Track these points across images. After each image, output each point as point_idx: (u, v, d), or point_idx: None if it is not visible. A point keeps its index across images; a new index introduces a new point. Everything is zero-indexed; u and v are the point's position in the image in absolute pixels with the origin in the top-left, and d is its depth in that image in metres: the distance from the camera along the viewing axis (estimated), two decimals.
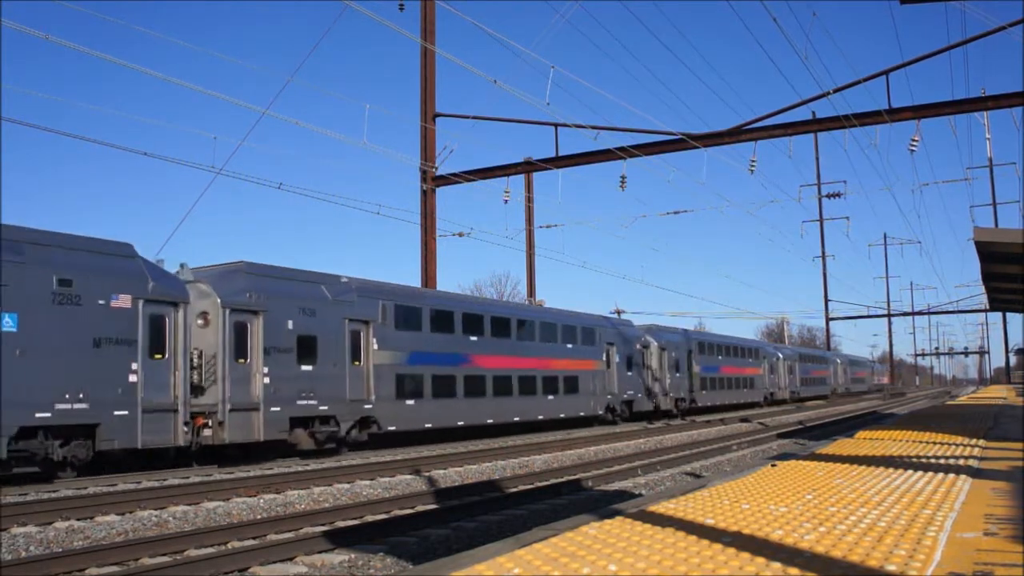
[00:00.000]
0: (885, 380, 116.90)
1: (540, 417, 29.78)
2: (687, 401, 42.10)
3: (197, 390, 18.27)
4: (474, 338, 26.71)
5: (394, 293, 24.12)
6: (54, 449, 15.48)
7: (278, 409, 19.61)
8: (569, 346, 31.89)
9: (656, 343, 38.95)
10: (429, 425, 24.39)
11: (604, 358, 34.19)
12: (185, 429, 17.48)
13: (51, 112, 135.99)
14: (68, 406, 15.65)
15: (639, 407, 36.67)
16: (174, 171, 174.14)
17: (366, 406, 22.07)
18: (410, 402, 23.74)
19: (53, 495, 13.64)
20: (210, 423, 18.29)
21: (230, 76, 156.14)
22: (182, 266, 19.63)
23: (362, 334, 22.23)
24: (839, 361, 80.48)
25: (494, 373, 27.45)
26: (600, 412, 33.76)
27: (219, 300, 18.94)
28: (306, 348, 20.57)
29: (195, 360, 18.29)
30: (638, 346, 37.17)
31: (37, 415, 15.14)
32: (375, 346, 22.56)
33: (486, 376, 27.06)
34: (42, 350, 15.25)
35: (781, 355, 60.42)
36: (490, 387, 27.14)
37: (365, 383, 22.15)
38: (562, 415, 31.01)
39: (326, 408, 20.96)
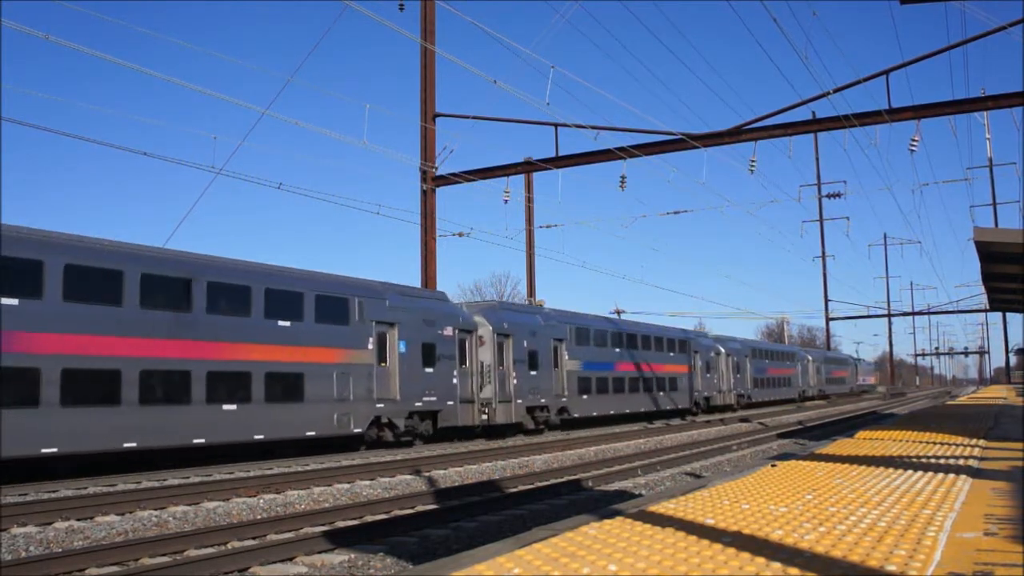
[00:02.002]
0: (872, 380, 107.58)
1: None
2: (553, 410, 31.87)
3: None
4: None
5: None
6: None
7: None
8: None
9: (492, 328, 29.46)
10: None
11: (370, 346, 22.97)
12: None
13: (51, 112, 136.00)
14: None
15: (451, 420, 26.06)
16: (174, 171, 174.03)
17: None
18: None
19: (53, 495, 13.64)
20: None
21: (230, 76, 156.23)
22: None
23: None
24: (810, 358, 70.25)
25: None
26: (358, 429, 22.43)
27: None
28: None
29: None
30: (449, 330, 26.91)
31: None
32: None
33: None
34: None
35: (723, 349, 47.96)
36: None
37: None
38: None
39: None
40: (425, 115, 31.15)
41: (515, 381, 28.91)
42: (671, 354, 41.34)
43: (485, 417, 27.39)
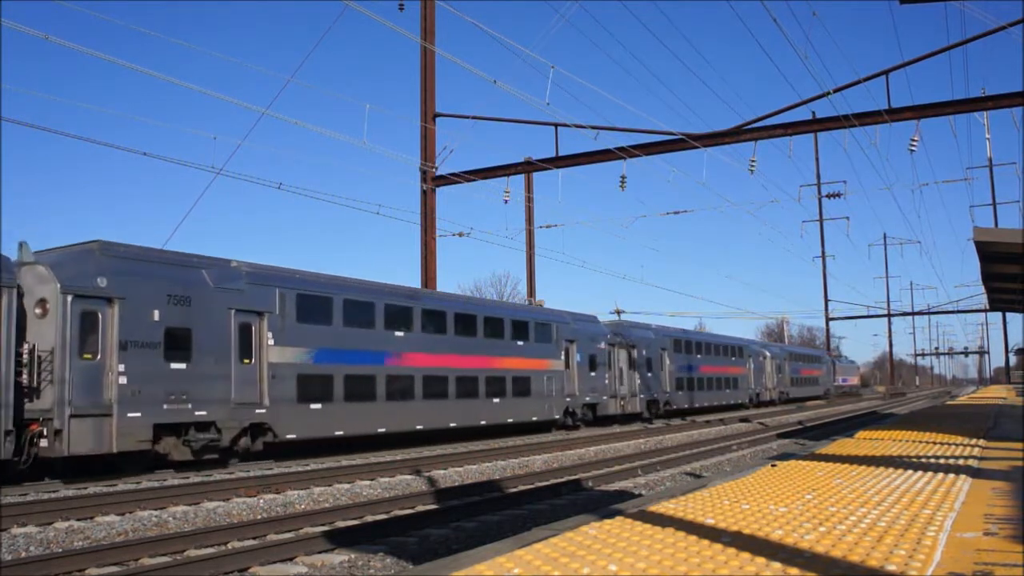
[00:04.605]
0: (855, 380, 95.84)
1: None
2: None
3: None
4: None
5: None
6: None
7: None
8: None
9: (625, 340, 35.82)
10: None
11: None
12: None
13: (51, 112, 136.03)
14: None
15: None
16: (174, 171, 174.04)
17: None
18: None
19: (53, 495, 13.65)
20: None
21: (230, 76, 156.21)
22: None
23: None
24: (767, 353, 57.37)
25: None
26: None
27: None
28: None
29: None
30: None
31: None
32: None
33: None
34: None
35: (622, 340, 37.07)
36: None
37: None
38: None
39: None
40: (425, 115, 31.16)
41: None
42: (519, 343, 28.83)
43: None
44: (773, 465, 8.26)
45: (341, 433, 21.29)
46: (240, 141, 37.53)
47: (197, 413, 17.80)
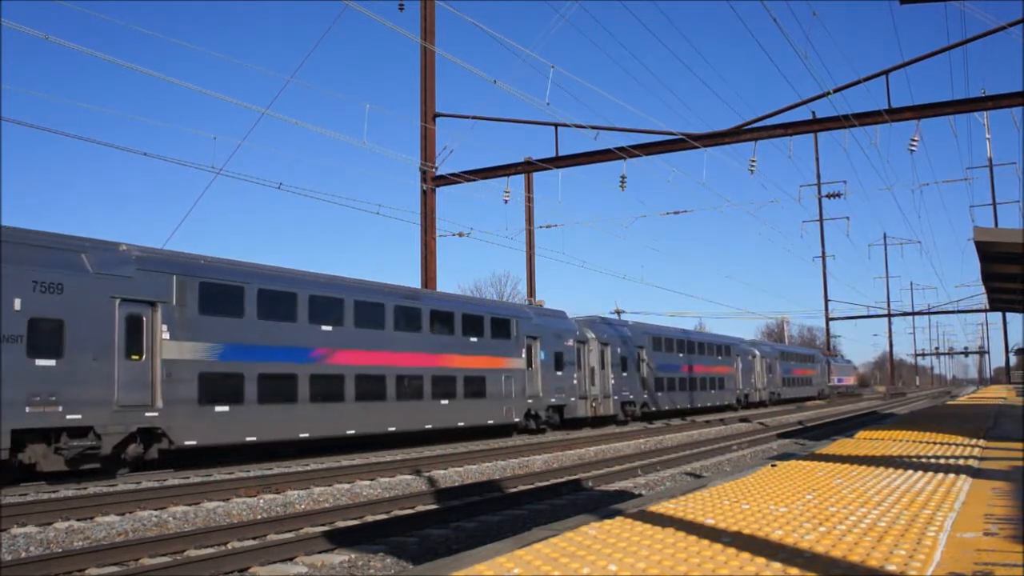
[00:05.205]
0: (851, 381, 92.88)
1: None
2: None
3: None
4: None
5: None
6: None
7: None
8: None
9: (596, 338, 33.43)
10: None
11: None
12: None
13: (51, 112, 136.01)
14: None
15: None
16: (174, 171, 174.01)
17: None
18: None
19: (53, 495, 13.65)
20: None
21: (230, 76, 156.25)
22: None
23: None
24: (756, 352, 54.46)
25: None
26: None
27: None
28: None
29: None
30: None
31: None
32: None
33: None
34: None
35: (591, 335, 33.76)
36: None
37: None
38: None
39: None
40: (425, 115, 31.17)
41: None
42: (473, 339, 26.30)
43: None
44: (773, 465, 8.25)
45: (254, 439, 19.07)
46: (240, 141, 37.55)
47: (69, 417, 15.48)
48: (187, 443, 17.69)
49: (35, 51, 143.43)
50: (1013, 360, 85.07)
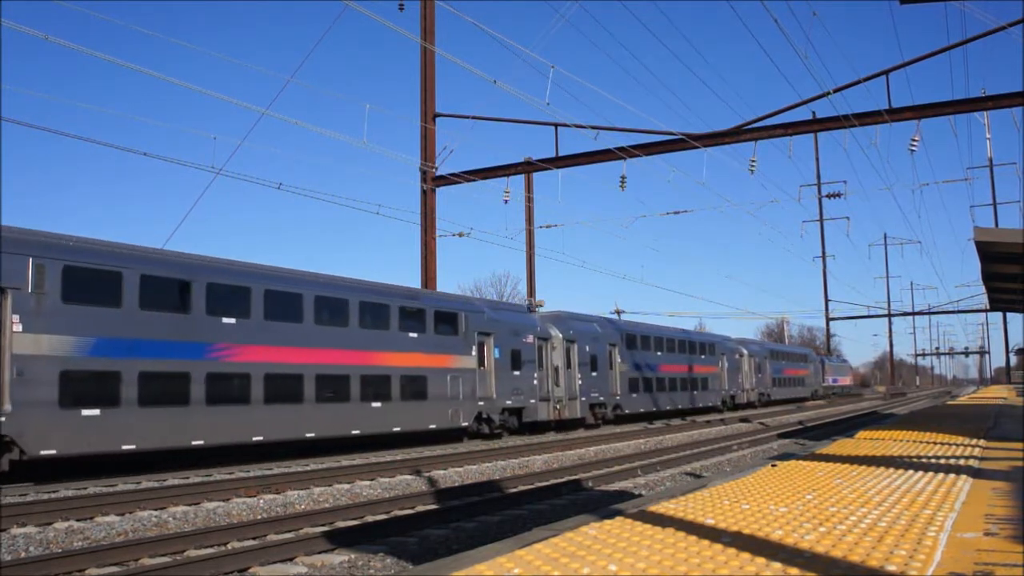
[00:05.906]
0: (846, 381, 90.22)
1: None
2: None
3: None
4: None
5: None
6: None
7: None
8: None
9: (561, 335, 30.74)
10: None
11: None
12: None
13: (51, 112, 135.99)
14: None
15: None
16: (174, 171, 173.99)
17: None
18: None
19: (53, 495, 13.64)
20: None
21: (230, 76, 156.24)
22: None
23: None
24: (745, 352, 51.74)
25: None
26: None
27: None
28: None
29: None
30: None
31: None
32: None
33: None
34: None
35: (556, 333, 31.10)
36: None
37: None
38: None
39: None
40: (425, 115, 31.17)
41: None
42: (412, 335, 23.84)
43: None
44: (773, 465, 8.25)
45: (132, 447, 16.58)
46: (240, 141, 37.58)
47: None
48: (44, 453, 15.18)
49: (35, 51, 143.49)
50: (1013, 360, 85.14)
